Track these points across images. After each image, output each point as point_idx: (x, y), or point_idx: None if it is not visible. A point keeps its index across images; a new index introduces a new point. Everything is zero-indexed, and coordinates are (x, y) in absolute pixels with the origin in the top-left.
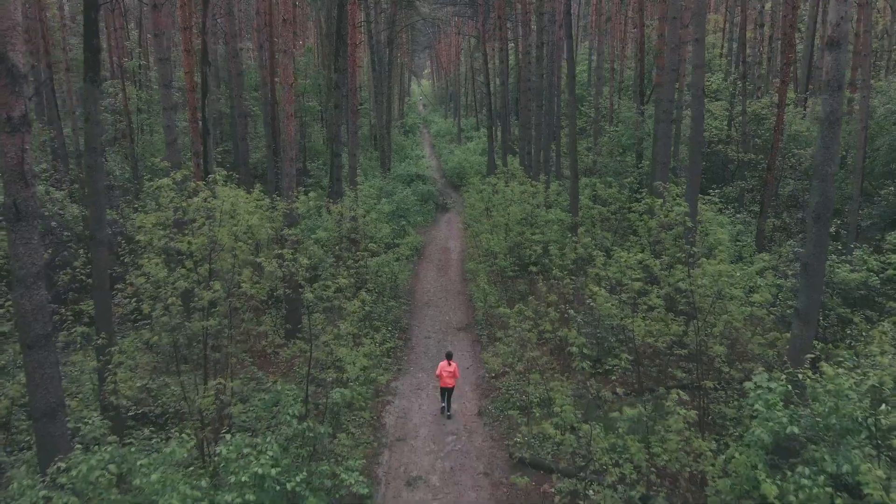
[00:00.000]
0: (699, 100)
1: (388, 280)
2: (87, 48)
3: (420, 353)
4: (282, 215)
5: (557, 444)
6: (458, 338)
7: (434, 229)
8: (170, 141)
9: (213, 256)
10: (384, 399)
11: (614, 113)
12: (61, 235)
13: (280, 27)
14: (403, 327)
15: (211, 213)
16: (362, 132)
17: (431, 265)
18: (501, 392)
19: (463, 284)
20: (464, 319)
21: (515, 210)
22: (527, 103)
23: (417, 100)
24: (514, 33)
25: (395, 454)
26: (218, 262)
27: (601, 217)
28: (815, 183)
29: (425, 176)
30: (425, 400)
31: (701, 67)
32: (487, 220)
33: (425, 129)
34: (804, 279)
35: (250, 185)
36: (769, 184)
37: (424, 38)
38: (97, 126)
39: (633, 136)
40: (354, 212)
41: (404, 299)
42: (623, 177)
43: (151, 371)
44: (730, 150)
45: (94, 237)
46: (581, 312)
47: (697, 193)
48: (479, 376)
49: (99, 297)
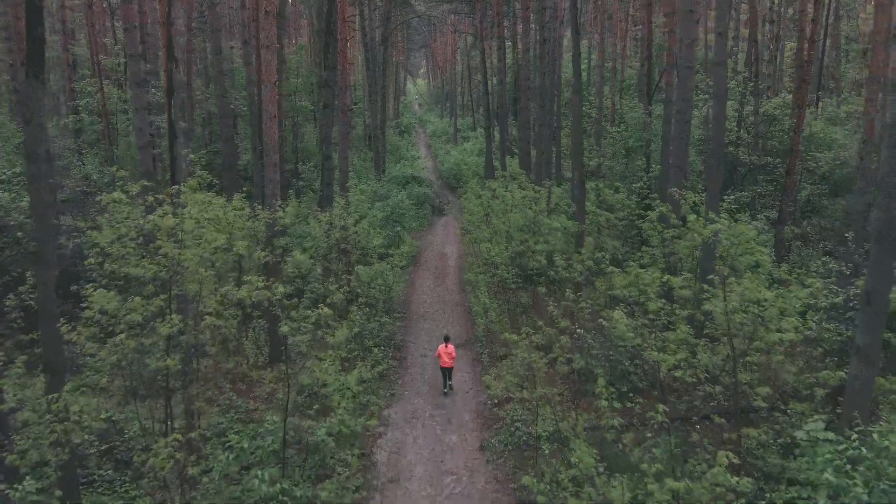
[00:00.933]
0: (721, 99)
1: (382, 293)
2: (30, 38)
3: (416, 374)
4: (264, 226)
5: (574, 493)
6: (456, 355)
7: (430, 233)
8: (142, 144)
9: (174, 283)
10: (375, 431)
11: (616, 113)
12: None
13: (263, 20)
14: (397, 344)
15: (174, 232)
16: (356, 132)
17: (428, 273)
18: (506, 423)
19: (461, 294)
20: (462, 334)
21: (517, 217)
22: (526, 103)
23: (413, 99)
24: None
25: (387, 499)
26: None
27: (608, 224)
28: (881, 199)
29: (421, 178)
30: (421, 431)
31: (724, 64)
32: (487, 227)
33: (421, 128)
34: (866, 311)
35: (238, 190)
36: (788, 189)
37: (420, 36)
38: (41, 129)
39: (641, 137)
40: (344, 220)
41: (399, 312)
42: (630, 181)
43: (122, 397)
44: (740, 152)
45: (39, 256)
46: (591, 332)
47: (719, 202)
48: (480, 402)
49: (46, 325)
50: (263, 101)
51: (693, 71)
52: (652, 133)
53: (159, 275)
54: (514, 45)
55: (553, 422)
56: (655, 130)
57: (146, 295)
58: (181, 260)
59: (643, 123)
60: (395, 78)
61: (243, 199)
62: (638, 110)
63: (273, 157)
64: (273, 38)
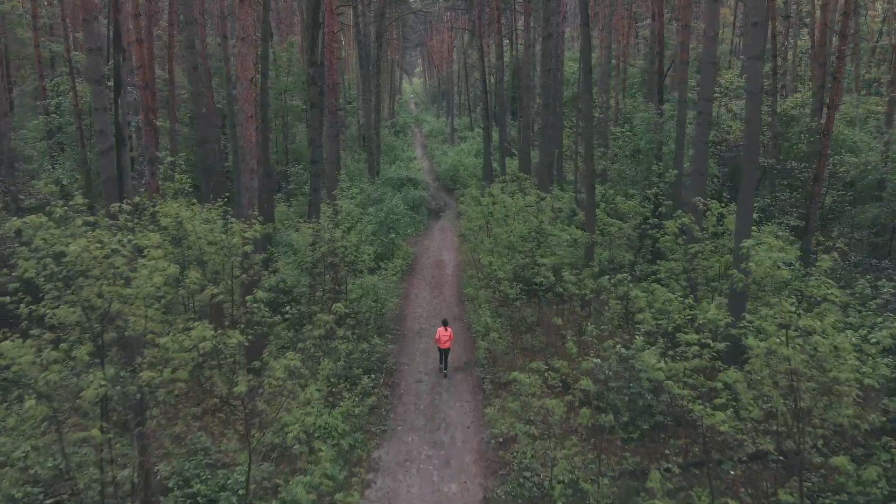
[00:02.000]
0: (755, 97)
1: (373, 310)
2: None
3: (409, 404)
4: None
5: None
6: (454, 381)
7: (427, 238)
8: (103, 149)
9: (105, 327)
10: (363, 477)
11: (621, 113)
12: None
13: (239, 9)
14: (390, 368)
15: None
16: (350, 132)
17: (424, 282)
18: (512, 468)
19: (460, 307)
20: (462, 355)
21: (520, 226)
22: (527, 102)
23: (409, 98)
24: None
25: None
26: (132, 327)
27: (620, 233)
28: None
29: (417, 179)
30: (416, 478)
31: (759, 58)
32: (487, 235)
33: (417, 128)
34: None
35: (221, 195)
36: (815, 196)
37: (416, 35)
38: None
39: (652, 139)
40: (331, 233)
41: (392, 329)
42: (641, 186)
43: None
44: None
45: None
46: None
47: (751, 215)
48: (482, 440)
49: None
50: (239, 99)
51: (716, 66)
52: (664, 134)
53: (84, 321)
54: (512, 42)
55: (569, 470)
56: (667, 131)
57: (62, 349)
58: (120, 297)
59: (654, 124)
60: (391, 76)
61: (222, 207)
62: (650, 110)
63: (249, 161)
64: (250, 29)
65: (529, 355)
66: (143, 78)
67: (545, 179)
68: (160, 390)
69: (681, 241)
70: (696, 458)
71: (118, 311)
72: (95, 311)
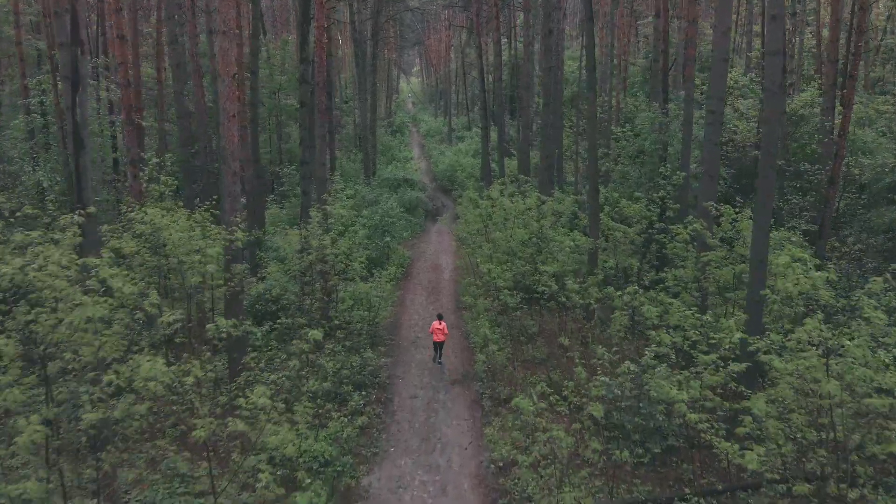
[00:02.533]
0: (776, 96)
1: (365, 320)
2: None
3: (404, 422)
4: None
5: None
6: (451, 395)
7: (423, 241)
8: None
9: (47, 359)
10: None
11: (622, 113)
12: None
13: (220, 2)
14: (382, 383)
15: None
16: (346, 132)
17: (420, 288)
18: (514, 497)
19: (457, 315)
20: (459, 367)
21: (520, 231)
22: (527, 101)
23: (406, 98)
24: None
25: None
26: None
27: (625, 238)
28: None
29: (413, 180)
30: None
31: (780, 54)
32: (486, 240)
33: (414, 128)
34: None
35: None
36: (830, 200)
37: (413, 33)
38: None
39: (657, 139)
40: (320, 240)
41: (386, 339)
42: (647, 189)
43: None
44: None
45: None
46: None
47: (769, 222)
48: (481, 464)
49: None
50: (220, 97)
51: (728, 64)
52: (670, 135)
53: (26, 350)
54: (510, 40)
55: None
56: (672, 132)
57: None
58: (65, 322)
59: (659, 124)
60: (388, 75)
61: (208, 211)
62: (654, 110)
63: (232, 164)
64: (231, 22)
65: (530, 368)
66: (124, 76)
67: (546, 181)
68: (115, 426)
69: (692, 248)
70: (712, 486)
71: (67, 339)
72: (39, 342)
